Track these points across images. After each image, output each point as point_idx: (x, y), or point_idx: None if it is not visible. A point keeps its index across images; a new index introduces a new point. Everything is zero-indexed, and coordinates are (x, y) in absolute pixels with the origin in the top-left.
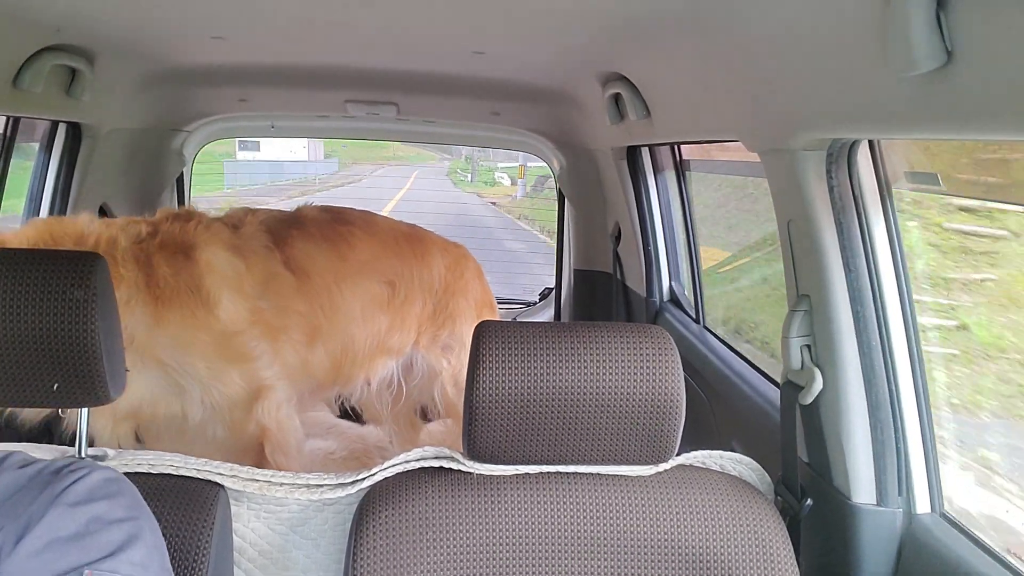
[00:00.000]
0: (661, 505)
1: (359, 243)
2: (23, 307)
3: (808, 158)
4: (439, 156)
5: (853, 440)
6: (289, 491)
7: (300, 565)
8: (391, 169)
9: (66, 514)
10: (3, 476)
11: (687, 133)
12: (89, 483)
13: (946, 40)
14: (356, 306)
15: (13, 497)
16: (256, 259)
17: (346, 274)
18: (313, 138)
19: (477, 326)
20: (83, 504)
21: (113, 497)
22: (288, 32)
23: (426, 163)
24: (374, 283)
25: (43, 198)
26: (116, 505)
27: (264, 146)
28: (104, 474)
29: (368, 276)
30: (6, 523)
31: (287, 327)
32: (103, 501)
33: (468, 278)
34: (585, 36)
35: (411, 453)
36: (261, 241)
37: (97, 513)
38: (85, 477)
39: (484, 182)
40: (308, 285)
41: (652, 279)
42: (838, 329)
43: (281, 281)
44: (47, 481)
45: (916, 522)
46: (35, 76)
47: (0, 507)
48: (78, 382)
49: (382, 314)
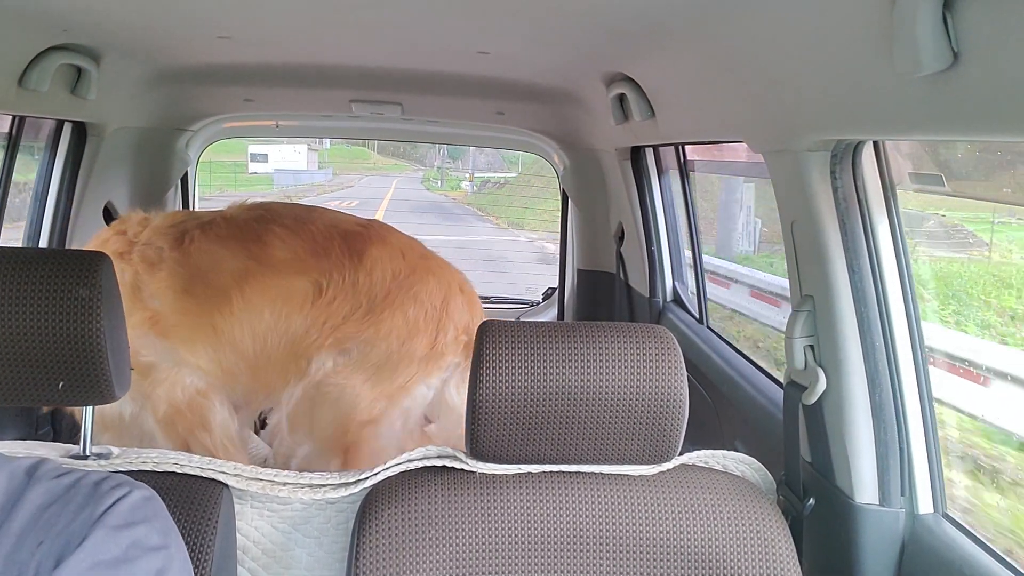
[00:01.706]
0: (664, 505)
1: (277, 241)
2: (28, 305)
3: (812, 159)
4: (414, 167)
5: (856, 440)
6: (292, 490)
7: (303, 564)
8: (374, 178)
9: (109, 537)
10: (38, 486)
11: (691, 134)
12: (130, 503)
13: (952, 41)
14: (264, 307)
15: (49, 509)
16: (147, 264)
17: (253, 273)
18: (318, 138)
19: (480, 326)
20: (125, 528)
21: (150, 520)
22: (293, 32)
23: (403, 172)
24: (292, 282)
25: (48, 197)
26: (153, 530)
27: (271, 157)
28: (142, 493)
29: (284, 275)
30: (45, 539)
31: (181, 326)
32: (142, 525)
33: (423, 292)
34: (590, 37)
35: (414, 452)
36: (157, 244)
37: (137, 538)
38: (126, 497)
39: (451, 187)
40: (202, 284)
41: (655, 279)
42: (842, 330)
43: (175, 281)
44: (87, 496)
45: (919, 522)
46: (41, 75)
47: (36, 520)
48: (83, 381)
49: (299, 315)
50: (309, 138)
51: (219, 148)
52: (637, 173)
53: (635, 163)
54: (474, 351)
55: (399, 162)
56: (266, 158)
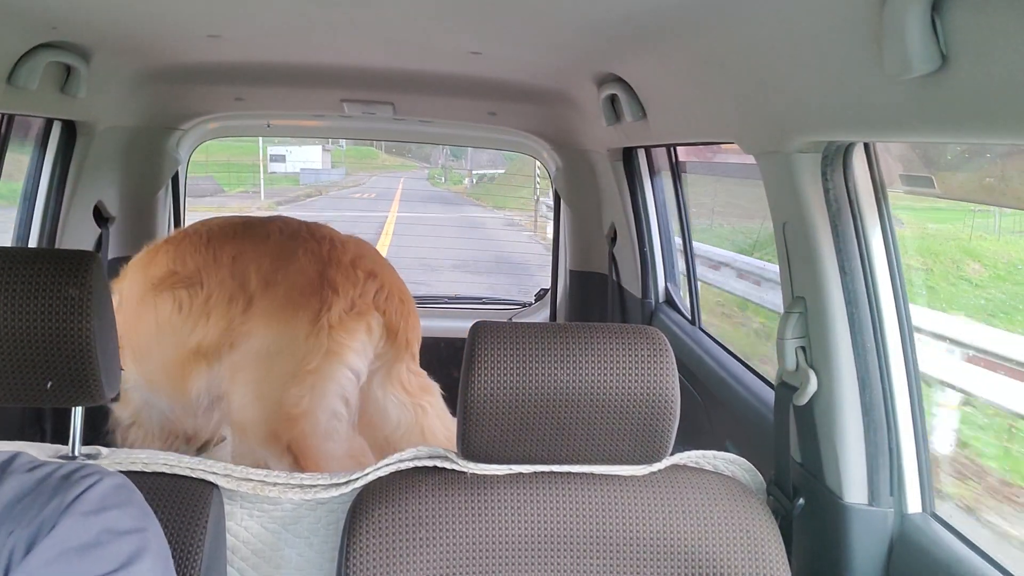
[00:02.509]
0: (654, 505)
1: (159, 257)
2: (17, 305)
3: (803, 160)
4: (420, 165)
5: (846, 441)
6: (282, 490)
7: (293, 564)
8: (382, 177)
9: (79, 523)
10: (11, 479)
11: (683, 135)
12: (101, 490)
13: (941, 43)
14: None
15: (22, 501)
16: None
17: (144, 290)
18: (309, 137)
19: (473, 326)
20: (95, 513)
21: (123, 506)
22: (284, 31)
23: (409, 171)
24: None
25: (37, 196)
26: (126, 515)
27: (289, 159)
28: (114, 480)
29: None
30: (16, 528)
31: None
32: (114, 510)
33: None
34: (582, 37)
35: (405, 452)
36: None
37: (108, 524)
38: (97, 484)
39: (454, 182)
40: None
41: (647, 280)
42: (833, 331)
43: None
44: (57, 486)
45: (907, 522)
46: (30, 73)
47: (9, 511)
48: (72, 381)
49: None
50: (301, 137)
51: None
52: (629, 174)
53: (627, 164)
54: (466, 351)
55: (406, 161)
56: (284, 159)
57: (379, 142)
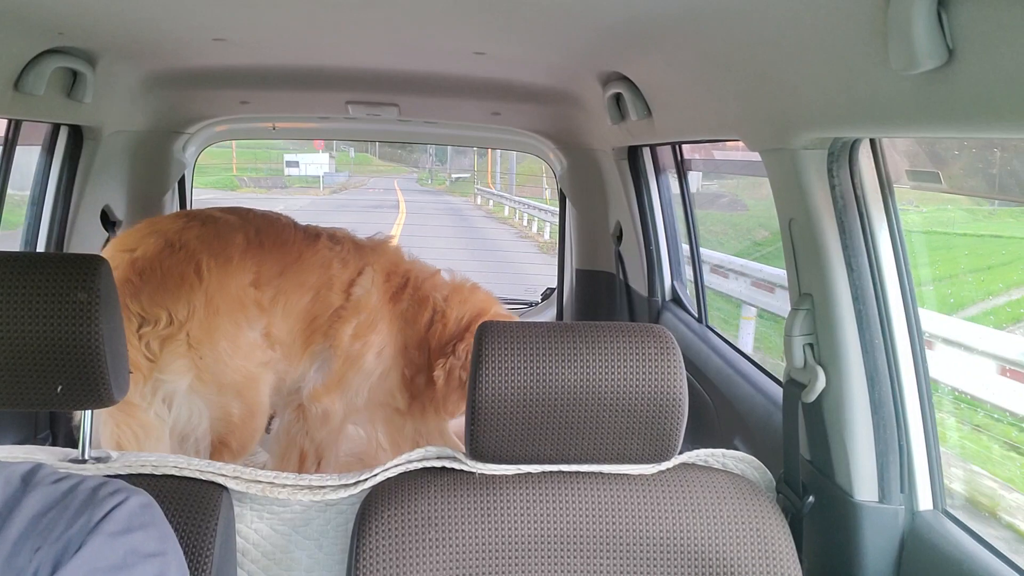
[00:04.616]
0: (663, 503)
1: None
2: (27, 310)
3: (809, 157)
4: (408, 168)
5: (855, 437)
6: (292, 492)
7: (303, 566)
8: (379, 179)
9: (106, 544)
10: (36, 492)
11: (688, 132)
12: (128, 510)
13: (947, 38)
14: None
15: (47, 515)
16: None
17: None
18: (315, 139)
19: (480, 326)
20: (122, 534)
21: (147, 527)
22: (289, 34)
23: (401, 174)
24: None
25: (45, 201)
26: (150, 537)
27: (302, 164)
28: (139, 499)
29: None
30: (43, 544)
31: None
32: (139, 532)
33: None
34: (586, 36)
35: (413, 453)
36: None
37: (134, 545)
38: (124, 504)
39: (438, 183)
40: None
41: (654, 278)
42: (840, 327)
43: None
44: (84, 502)
45: (918, 519)
46: (37, 79)
47: (35, 526)
48: (81, 385)
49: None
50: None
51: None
52: (634, 172)
53: (632, 162)
54: (473, 351)
55: (396, 165)
56: (298, 164)
57: (372, 149)
